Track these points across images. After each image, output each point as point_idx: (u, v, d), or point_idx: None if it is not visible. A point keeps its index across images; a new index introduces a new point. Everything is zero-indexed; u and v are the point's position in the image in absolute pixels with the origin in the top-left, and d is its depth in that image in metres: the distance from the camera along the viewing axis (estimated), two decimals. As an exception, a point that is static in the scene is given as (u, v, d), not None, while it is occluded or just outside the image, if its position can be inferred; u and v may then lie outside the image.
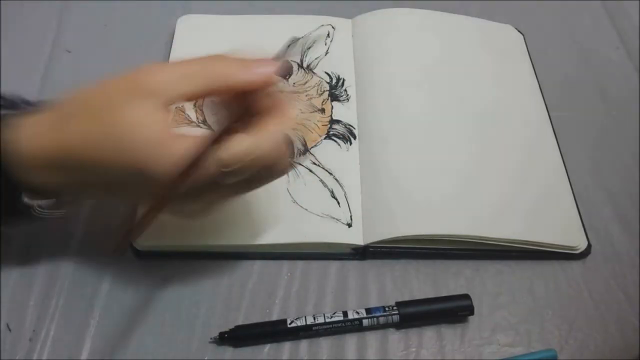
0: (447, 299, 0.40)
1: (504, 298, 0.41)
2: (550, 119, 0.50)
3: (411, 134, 0.47)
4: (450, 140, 0.47)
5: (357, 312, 0.38)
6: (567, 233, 0.43)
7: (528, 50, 0.56)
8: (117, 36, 0.55)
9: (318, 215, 0.42)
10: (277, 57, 0.33)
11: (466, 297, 0.40)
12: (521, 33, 0.57)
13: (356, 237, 0.41)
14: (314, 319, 0.38)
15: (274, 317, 0.39)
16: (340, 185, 0.44)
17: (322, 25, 0.55)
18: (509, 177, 0.45)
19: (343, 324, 0.38)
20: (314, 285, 0.41)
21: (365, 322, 0.38)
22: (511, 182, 0.45)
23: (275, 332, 0.38)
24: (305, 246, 0.41)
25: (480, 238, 0.41)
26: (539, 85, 0.53)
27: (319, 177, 0.44)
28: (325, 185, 0.44)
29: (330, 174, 0.45)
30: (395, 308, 0.39)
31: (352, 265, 0.42)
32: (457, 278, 0.42)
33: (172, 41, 0.53)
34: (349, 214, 0.42)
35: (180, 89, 0.30)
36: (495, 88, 0.52)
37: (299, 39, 0.53)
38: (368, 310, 0.38)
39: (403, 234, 0.41)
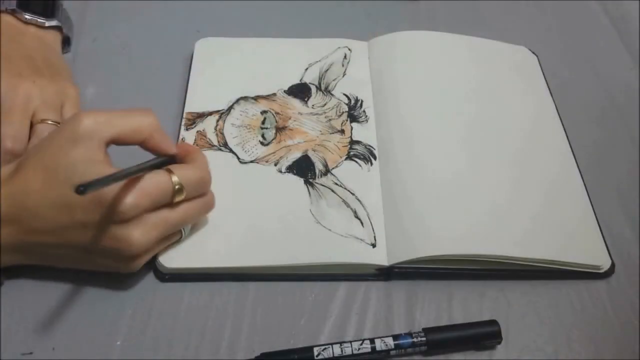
0: (475, 325, 0.39)
1: (530, 319, 0.41)
2: (568, 139, 0.50)
3: (432, 155, 0.47)
4: (470, 160, 0.47)
5: (385, 343, 0.38)
6: (591, 252, 0.43)
7: (542, 71, 0.56)
8: (136, 60, 0.56)
9: (342, 235, 0.42)
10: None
11: (494, 323, 0.39)
12: (535, 54, 0.58)
13: (380, 258, 0.41)
14: (341, 350, 0.37)
15: (300, 339, 0.39)
16: (363, 206, 0.44)
17: (339, 47, 0.56)
18: (534, 198, 0.45)
19: (370, 355, 0.38)
20: (339, 306, 0.41)
21: (392, 352, 0.38)
22: (536, 204, 0.45)
23: (301, 361, 0.37)
24: (330, 267, 0.41)
25: (506, 258, 0.41)
26: (556, 106, 0.53)
27: (341, 198, 0.44)
28: (348, 206, 0.44)
29: (352, 194, 0.45)
30: (422, 335, 0.38)
31: (377, 286, 0.42)
32: (482, 299, 0.42)
33: (190, 64, 0.54)
34: (373, 234, 0.42)
35: (107, 133, 0.36)
36: (515, 109, 0.52)
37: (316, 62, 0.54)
38: (396, 337, 0.38)
39: (427, 255, 0.41)
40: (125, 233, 0.35)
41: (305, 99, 0.51)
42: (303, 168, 0.46)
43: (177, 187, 0.37)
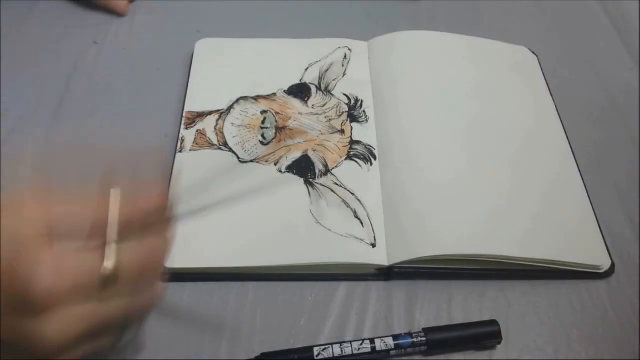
0: (475, 325, 0.39)
1: (530, 319, 0.41)
2: (568, 139, 0.50)
3: (432, 155, 0.47)
4: (470, 160, 0.47)
5: (385, 343, 0.38)
6: (591, 252, 0.43)
7: (542, 71, 0.56)
8: (136, 60, 0.56)
9: (341, 235, 0.42)
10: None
11: (494, 323, 0.39)
12: (534, 54, 0.58)
13: (380, 258, 0.41)
14: (341, 350, 0.37)
15: (300, 339, 0.39)
16: (363, 206, 0.44)
17: (339, 47, 0.56)
18: (534, 198, 0.45)
19: (370, 355, 0.38)
20: (339, 306, 0.41)
21: (392, 352, 0.38)
22: (536, 204, 0.45)
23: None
24: (330, 267, 0.41)
25: (506, 258, 0.41)
26: (556, 106, 0.53)
27: (341, 198, 0.44)
28: (348, 206, 0.44)
29: (353, 194, 0.45)
30: (422, 335, 0.38)
31: (377, 286, 0.42)
32: (482, 299, 0.42)
33: (190, 64, 0.54)
34: (373, 234, 0.42)
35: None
36: (515, 109, 0.52)
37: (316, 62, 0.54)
38: (396, 337, 0.38)
39: (427, 255, 0.41)
40: (35, 328, 0.26)
41: (305, 99, 0.51)
42: (303, 168, 0.46)
43: (109, 272, 0.27)
